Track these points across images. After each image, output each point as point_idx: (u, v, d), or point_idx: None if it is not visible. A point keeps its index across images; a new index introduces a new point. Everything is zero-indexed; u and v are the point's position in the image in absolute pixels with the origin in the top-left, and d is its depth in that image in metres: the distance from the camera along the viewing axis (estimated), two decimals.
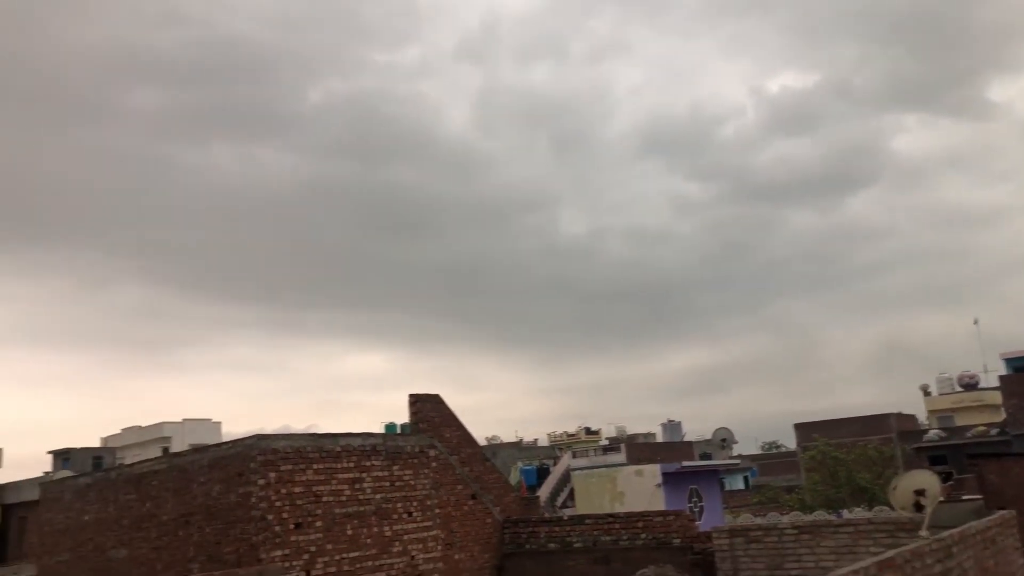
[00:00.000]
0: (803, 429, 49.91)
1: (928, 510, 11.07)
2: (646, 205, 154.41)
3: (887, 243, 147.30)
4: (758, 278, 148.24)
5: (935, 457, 43.28)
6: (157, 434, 51.64)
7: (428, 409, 18.72)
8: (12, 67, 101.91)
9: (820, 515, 14.67)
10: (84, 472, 27.35)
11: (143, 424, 54.54)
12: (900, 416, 51.10)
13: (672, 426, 66.46)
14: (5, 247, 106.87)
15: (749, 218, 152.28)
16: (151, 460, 17.93)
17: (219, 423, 52.89)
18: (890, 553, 7.51)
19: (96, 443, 55.57)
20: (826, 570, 11.28)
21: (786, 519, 14.63)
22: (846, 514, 14.54)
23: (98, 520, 17.36)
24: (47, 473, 45.63)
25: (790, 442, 60.96)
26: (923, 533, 9.73)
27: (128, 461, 36.12)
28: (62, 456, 49.92)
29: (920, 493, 11.43)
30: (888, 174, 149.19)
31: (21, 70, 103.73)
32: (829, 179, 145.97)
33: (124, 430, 55.76)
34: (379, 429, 17.66)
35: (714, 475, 28.03)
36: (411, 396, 18.69)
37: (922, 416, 58.16)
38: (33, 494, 31.51)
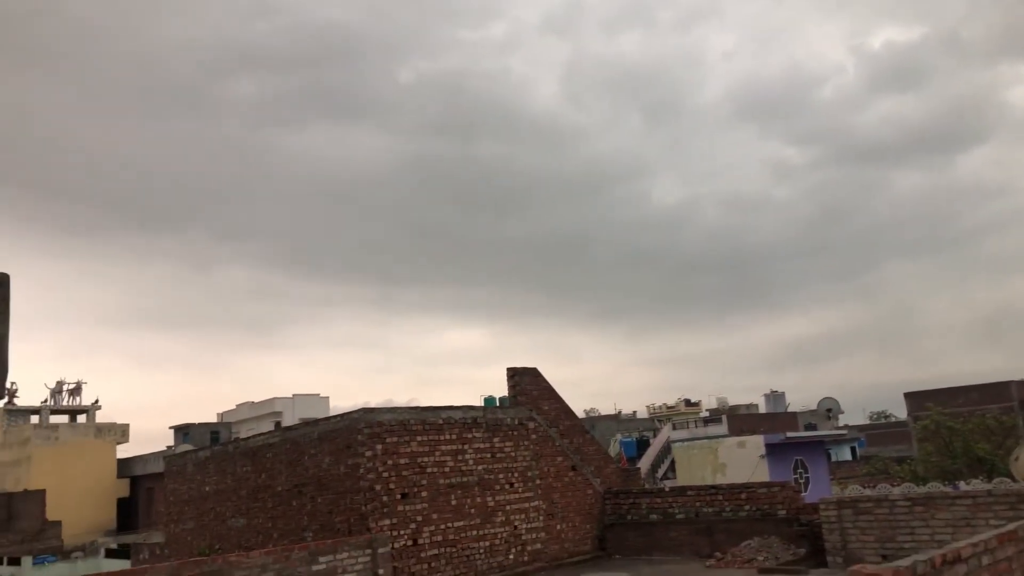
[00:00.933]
0: (914, 398, 48.04)
1: None
2: (741, 172, 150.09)
3: (1002, 202, 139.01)
4: (860, 243, 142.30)
5: None
6: (269, 409, 53.77)
7: (526, 382, 18.91)
8: (124, 64, 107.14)
9: (934, 487, 14.14)
10: (203, 446, 28.90)
11: (256, 400, 56.91)
12: (1022, 384, 48.48)
13: (775, 397, 65.11)
14: (122, 234, 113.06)
15: (850, 181, 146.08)
16: (265, 434, 18.79)
17: (327, 398, 54.57)
18: (1011, 525, 7.20)
19: (213, 418, 58.53)
20: (942, 543, 10.90)
21: (897, 491, 14.17)
22: (963, 486, 13.97)
23: (218, 491, 18.35)
24: (169, 447, 48.42)
25: (900, 412, 58.77)
26: None
27: (243, 435, 37.93)
28: (182, 431, 52.80)
29: None
30: (1003, 129, 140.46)
31: (131, 66, 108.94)
32: (937, 137, 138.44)
33: (238, 405, 58.36)
34: (478, 402, 17.93)
35: (820, 446, 27.37)
36: (509, 370, 18.90)
37: None
38: (158, 467, 33.58)
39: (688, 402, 78.16)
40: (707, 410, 71.76)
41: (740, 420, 49.71)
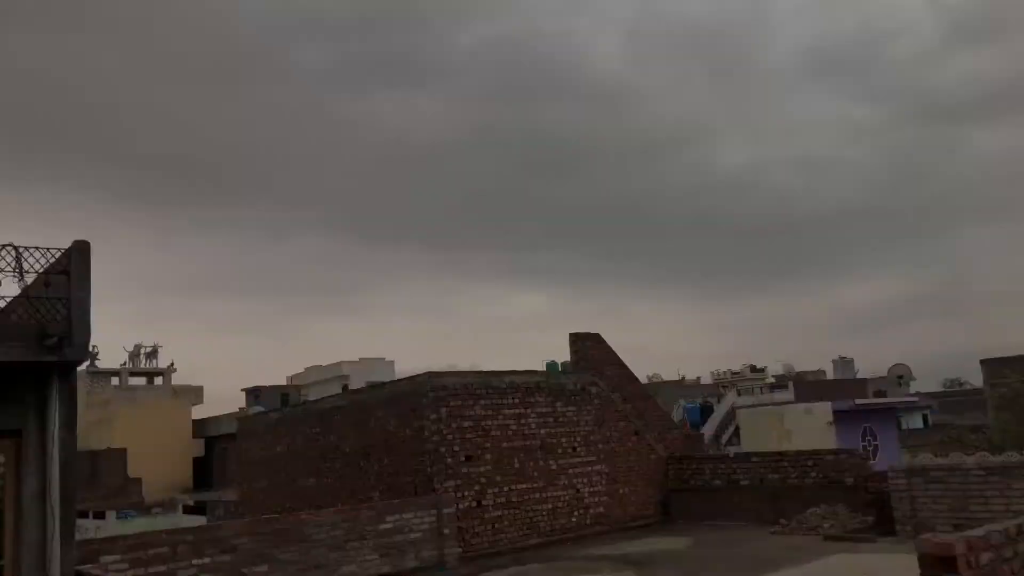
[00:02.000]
0: (991, 365, 46.42)
1: None
2: (811, 132, 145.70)
3: None
4: (936, 205, 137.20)
5: None
6: (336, 372, 54.92)
7: (589, 347, 18.90)
8: (192, 31, 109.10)
9: (1011, 456, 13.72)
10: (274, 408, 29.78)
11: (323, 363, 58.16)
12: None
13: (844, 363, 63.79)
14: (196, 202, 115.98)
15: (926, 141, 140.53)
16: (333, 397, 19.25)
17: (392, 362, 55.36)
18: None
19: (282, 381, 60.10)
20: (1017, 514, 10.61)
21: (971, 459, 13.79)
22: None
23: (289, 451, 18.91)
24: (241, 409, 50.00)
25: (976, 379, 56.94)
26: None
27: (311, 398, 38.90)
28: (253, 393, 54.44)
29: None
30: None
31: (199, 34, 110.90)
32: (1021, 92, 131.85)
33: (306, 369, 59.78)
34: (541, 368, 17.99)
35: (890, 413, 26.82)
36: (572, 335, 18.89)
37: None
38: (231, 428, 34.74)
39: (753, 368, 77.08)
40: (773, 376, 70.66)
41: (807, 386, 48.74)
